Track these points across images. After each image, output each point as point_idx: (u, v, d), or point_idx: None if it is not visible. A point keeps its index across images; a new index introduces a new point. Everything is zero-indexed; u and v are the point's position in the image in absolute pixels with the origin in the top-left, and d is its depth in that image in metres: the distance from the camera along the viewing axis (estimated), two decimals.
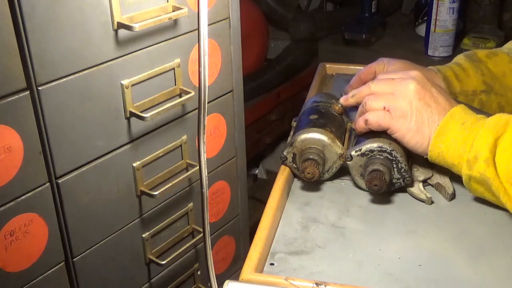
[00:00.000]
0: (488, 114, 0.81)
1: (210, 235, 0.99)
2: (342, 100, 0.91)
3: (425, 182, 0.86)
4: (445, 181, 0.85)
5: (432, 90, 0.81)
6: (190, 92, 0.97)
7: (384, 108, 0.82)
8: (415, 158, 0.86)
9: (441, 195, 0.85)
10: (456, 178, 0.81)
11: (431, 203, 0.83)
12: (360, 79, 1.00)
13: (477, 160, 0.75)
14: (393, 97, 0.82)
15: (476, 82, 0.96)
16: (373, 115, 0.82)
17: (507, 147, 0.74)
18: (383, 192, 0.81)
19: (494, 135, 0.75)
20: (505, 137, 0.75)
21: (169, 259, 1.04)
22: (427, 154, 0.81)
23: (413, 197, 0.85)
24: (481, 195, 0.80)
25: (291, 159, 0.86)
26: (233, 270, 1.28)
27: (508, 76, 0.98)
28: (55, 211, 0.85)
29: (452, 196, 0.84)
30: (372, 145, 0.82)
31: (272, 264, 0.73)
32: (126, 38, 0.86)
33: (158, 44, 0.91)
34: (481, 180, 0.76)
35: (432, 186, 0.87)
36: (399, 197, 0.85)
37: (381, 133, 0.83)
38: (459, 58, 1.01)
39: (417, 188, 0.85)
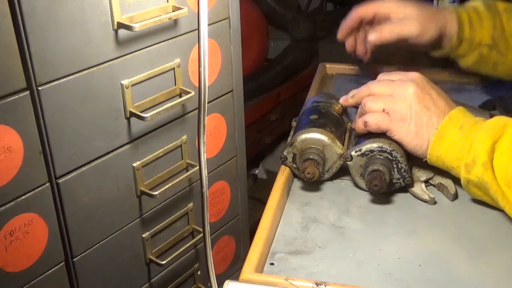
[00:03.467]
0: (488, 113, 0.81)
1: (210, 235, 0.98)
2: (341, 101, 0.91)
3: (427, 182, 0.86)
4: (447, 181, 0.85)
5: (431, 92, 0.81)
6: (190, 92, 0.97)
7: (384, 110, 0.81)
8: (416, 159, 0.85)
9: (443, 195, 0.85)
10: (458, 178, 0.81)
11: (434, 203, 0.83)
12: (358, 16, 1.00)
13: (475, 163, 0.75)
14: (393, 100, 0.81)
15: (486, 34, 0.96)
16: (372, 117, 0.82)
17: (505, 150, 0.74)
18: (383, 192, 0.81)
19: (492, 138, 0.75)
20: (502, 140, 0.75)
21: (169, 259, 1.04)
22: (426, 157, 0.81)
23: (416, 197, 0.84)
24: (480, 198, 0.79)
25: (291, 159, 0.86)
26: (233, 270, 1.27)
27: None
28: (55, 211, 0.85)
29: (455, 196, 0.84)
30: (372, 145, 0.82)
31: (272, 264, 0.73)
32: (126, 38, 0.86)
33: (158, 44, 0.91)
34: (479, 184, 0.76)
35: (434, 186, 0.86)
36: (399, 197, 0.85)
37: (381, 134, 0.83)
38: (478, 3, 0.98)
39: (420, 188, 0.84)
